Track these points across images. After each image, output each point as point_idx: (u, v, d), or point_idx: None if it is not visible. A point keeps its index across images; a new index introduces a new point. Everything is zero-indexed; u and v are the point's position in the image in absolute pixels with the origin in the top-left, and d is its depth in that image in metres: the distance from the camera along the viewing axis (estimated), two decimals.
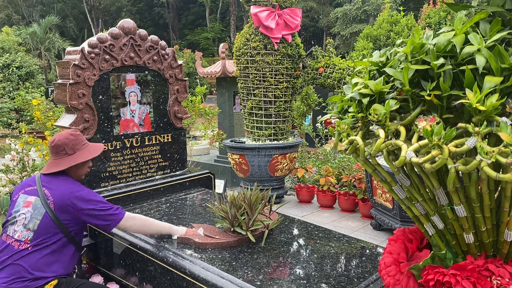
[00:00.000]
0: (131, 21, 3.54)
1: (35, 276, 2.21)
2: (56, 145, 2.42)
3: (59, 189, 2.33)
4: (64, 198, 2.29)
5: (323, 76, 5.49)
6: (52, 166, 2.41)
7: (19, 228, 2.26)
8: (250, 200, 2.70)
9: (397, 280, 1.63)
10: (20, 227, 2.26)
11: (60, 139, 2.42)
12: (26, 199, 2.34)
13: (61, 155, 2.42)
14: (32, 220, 2.27)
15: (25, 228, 2.25)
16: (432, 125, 1.27)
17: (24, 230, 2.25)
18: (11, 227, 2.30)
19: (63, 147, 2.42)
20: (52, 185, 2.35)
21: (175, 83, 3.88)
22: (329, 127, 1.92)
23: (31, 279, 2.20)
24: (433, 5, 11.96)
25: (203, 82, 14.09)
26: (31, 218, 2.27)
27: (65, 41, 26.84)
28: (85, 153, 2.47)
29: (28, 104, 10.80)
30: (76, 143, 2.46)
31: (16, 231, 2.26)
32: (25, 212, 2.29)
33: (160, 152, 3.85)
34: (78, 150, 2.46)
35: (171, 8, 36.93)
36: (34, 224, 2.26)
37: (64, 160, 2.41)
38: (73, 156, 2.43)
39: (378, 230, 4.65)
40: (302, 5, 25.34)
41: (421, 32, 1.48)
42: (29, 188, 2.38)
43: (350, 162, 5.93)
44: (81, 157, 2.45)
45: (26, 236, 2.24)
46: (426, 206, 1.57)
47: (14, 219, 2.31)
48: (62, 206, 2.28)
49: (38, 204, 2.29)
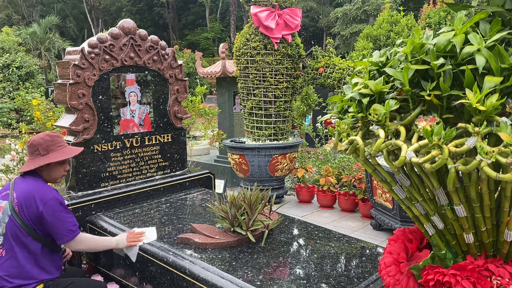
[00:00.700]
0: (131, 21, 3.54)
1: (14, 285, 2.17)
2: (31, 144, 2.39)
3: (24, 189, 2.29)
4: (26, 198, 2.24)
5: (323, 76, 5.49)
6: (25, 166, 2.38)
7: None
8: (250, 200, 2.70)
9: (397, 280, 1.63)
10: None
11: (36, 139, 2.40)
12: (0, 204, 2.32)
13: (35, 155, 2.38)
14: (1, 224, 2.23)
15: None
16: (432, 125, 1.27)
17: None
18: None
19: (37, 147, 2.38)
20: (20, 187, 2.31)
21: (175, 83, 3.88)
22: (329, 127, 1.92)
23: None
24: (433, 5, 11.97)
25: (203, 82, 14.09)
26: (0, 223, 2.24)
27: (65, 41, 26.85)
28: (58, 154, 2.40)
29: (28, 104, 10.79)
30: (51, 144, 2.40)
31: None
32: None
33: (160, 152, 3.85)
34: (52, 151, 2.40)
35: (171, 8, 36.93)
36: (2, 228, 2.22)
37: (35, 160, 2.37)
38: (45, 156, 2.38)
39: (378, 230, 4.65)
40: (302, 5, 25.34)
41: (421, 32, 1.48)
42: (4, 193, 2.35)
43: (350, 162, 5.93)
44: (52, 157, 2.38)
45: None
46: (426, 206, 1.57)
47: None
48: (25, 206, 2.23)
49: (6, 208, 2.26)
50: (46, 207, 2.24)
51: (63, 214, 2.30)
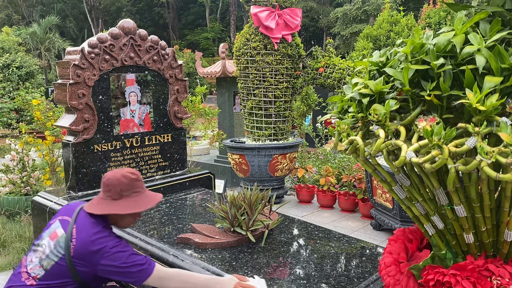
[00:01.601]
0: (131, 21, 3.54)
1: None
2: (104, 183, 2.03)
3: (83, 234, 1.93)
4: (84, 246, 1.90)
5: (323, 76, 5.49)
6: (95, 205, 2.02)
7: (35, 260, 1.95)
8: (250, 200, 2.70)
9: (397, 280, 1.63)
10: (36, 260, 1.95)
11: (110, 177, 2.02)
12: (56, 229, 1.99)
13: (105, 196, 2.02)
14: (49, 258, 1.92)
15: (39, 263, 1.93)
16: (432, 125, 1.27)
17: (38, 265, 1.93)
18: (30, 254, 1.99)
19: (109, 188, 2.01)
20: (83, 225, 1.96)
21: (175, 83, 3.88)
22: (329, 127, 1.92)
23: None
24: (433, 5, 11.97)
25: (203, 82, 14.09)
26: (48, 255, 1.93)
27: (65, 41, 26.84)
28: (130, 203, 2.01)
29: (28, 104, 10.79)
30: (126, 189, 2.02)
31: (32, 262, 1.95)
32: (46, 245, 1.96)
33: (160, 152, 3.85)
34: (125, 197, 2.02)
35: (171, 8, 36.93)
36: (48, 264, 1.92)
37: (103, 204, 2.00)
38: (116, 202, 2.00)
39: (378, 230, 4.65)
40: (302, 5, 25.33)
41: (421, 32, 1.48)
42: (66, 218, 2.02)
43: (350, 162, 5.93)
44: (120, 207, 1.99)
45: (37, 273, 1.92)
46: (426, 206, 1.57)
47: (36, 247, 1.99)
48: (81, 255, 1.90)
49: (61, 242, 1.93)
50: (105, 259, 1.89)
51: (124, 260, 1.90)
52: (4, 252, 4.19)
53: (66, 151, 3.39)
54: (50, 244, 1.94)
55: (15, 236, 4.37)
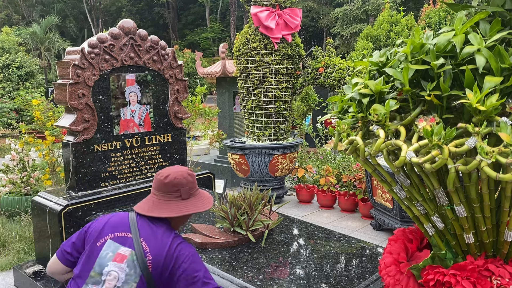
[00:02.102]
0: (131, 21, 3.54)
1: None
2: (170, 182, 1.86)
3: (158, 242, 1.74)
4: (162, 255, 1.72)
5: (323, 76, 5.49)
6: (156, 208, 1.83)
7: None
8: (250, 200, 2.70)
9: (397, 280, 1.63)
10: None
11: (177, 177, 1.87)
12: (117, 249, 1.72)
13: (173, 196, 1.86)
14: (128, 283, 1.68)
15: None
16: (432, 125, 1.27)
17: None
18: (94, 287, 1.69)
19: (178, 188, 1.86)
20: (151, 235, 1.76)
21: (175, 83, 3.88)
22: (329, 127, 1.92)
23: None
24: (433, 5, 11.96)
25: (203, 82, 14.09)
26: (126, 279, 1.68)
27: (65, 41, 26.84)
28: (198, 202, 1.92)
29: (28, 104, 10.79)
30: (193, 187, 1.92)
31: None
32: (117, 270, 1.69)
33: (160, 152, 3.85)
34: (192, 196, 1.91)
35: (171, 8, 36.93)
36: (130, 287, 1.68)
37: (174, 205, 1.85)
38: (187, 202, 1.88)
39: (378, 230, 4.65)
40: (302, 5, 25.33)
41: (421, 32, 1.48)
42: (121, 234, 1.76)
43: (350, 162, 5.93)
44: (195, 206, 1.89)
45: None
46: (426, 206, 1.57)
47: (99, 277, 1.69)
48: (160, 266, 1.72)
49: (134, 261, 1.70)
50: (187, 268, 1.72)
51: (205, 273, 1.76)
52: (4, 252, 4.19)
53: (66, 151, 3.39)
54: (122, 269, 1.69)
55: (15, 236, 4.37)
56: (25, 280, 3.34)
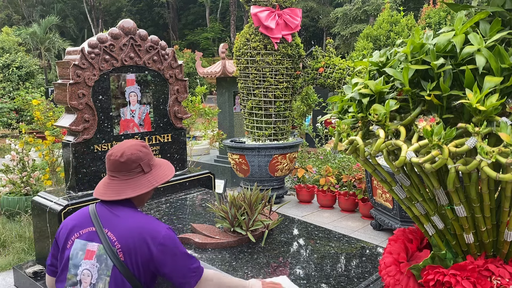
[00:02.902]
0: (131, 21, 3.54)
1: None
2: (129, 159, 1.77)
3: (125, 226, 1.69)
4: (133, 238, 1.66)
5: (323, 76, 5.49)
6: (123, 189, 1.76)
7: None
8: (250, 200, 2.70)
9: (397, 280, 1.63)
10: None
11: (133, 152, 1.79)
12: (85, 247, 1.69)
13: (135, 173, 1.79)
14: (101, 277, 1.64)
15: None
16: (432, 125, 1.27)
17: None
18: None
19: (138, 163, 1.79)
20: (115, 222, 1.71)
21: (175, 83, 3.88)
22: (329, 127, 1.92)
23: None
24: (433, 5, 11.97)
25: (203, 82, 14.09)
26: (99, 275, 1.65)
27: (65, 41, 26.84)
28: (161, 171, 1.85)
29: (28, 104, 10.80)
30: (151, 158, 1.85)
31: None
32: (89, 268, 1.66)
33: (160, 152, 3.85)
34: (153, 166, 1.84)
35: (171, 8, 36.93)
36: (104, 283, 1.64)
37: (139, 181, 1.78)
38: (150, 174, 1.81)
39: (378, 230, 4.65)
40: (302, 5, 25.33)
41: (421, 32, 1.48)
42: (85, 230, 1.72)
43: (350, 162, 5.93)
44: (159, 176, 1.83)
45: None
46: (426, 206, 1.57)
47: (75, 278, 1.68)
48: (131, 250, 1.65)
49: (103, 255, 1.65)
50: (162, 249, 1.66)
51: (182, 251, 1.72)
52: (4, 252, 4.19)
53: (66, 151, 3.39)
54: (93, 265, 1.66)
55: (15, 236, 4.37)
56: (25, 280, 3.35)
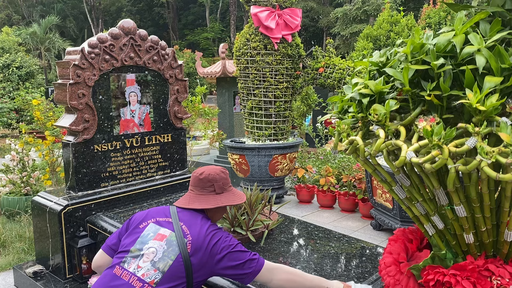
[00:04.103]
0: (131, 21, 3.54)
1: None
2: (205, 178, 2.08)
3: (197, 228, 1.92)
4: (201, 240, 1.87)
5: (323, 76, 5.49)
6: (193, 201, 2.05)
7: (145, 265, 1.81)
8: (250, 200, 2.70)
9: (397, 280, 1.63)
10: (146, 264, 1.81)
11: (211, 173, 2.09)
12: (158, 230, 1.92)
13: (207, 191, 2.08)
14: (164, 259, 1.82)
15: (153, 267, 1.80)
16: (432, 125, 1.27)
17: (152, 269, 1.80)
18: (133, 261, 1.83)
19: (212, 183, 2.08)
20: (191, 221, 1.95)
21: (175, 83, 3.88)
22: (329, 127, 1.92)
23: None
24: (433, 5, 11.96)
25: (203, 82, 14.09)
26: (163, 256, 1.83)
27: (65, 41, 26.84)
28: (231, 196, 2.12)
29: (28, 104, 10.79)
30: (226, 183, 2.13)
31: (141, 268, 1.81)
32: (156, 247, 1.86)
33: (160, 152, 3.86)
34: (225, 191, 2.12)
35: (171, 8, 36.92)
36: (165, 265, 1.81)
37: (209, 198, 2.06)
38: (221, 196, 2.09)
39: (378, 230, 4.65)
40: (302, 5, 25.33)
41: (421, 32, 1.48)
42: (162, 219, 1.98)
43: (350, 162, 5.93)
44: (228, 199, 2.09)
45: (153, 277, 1.78)
46: (426, 206, 1.57)
47: (139, 252, 1.85)
48: (198, 249, 1.86)
49: (173, 241, 1.86)
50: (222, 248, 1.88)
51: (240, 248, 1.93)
52: (4, 252, 4.19)
53: (66, 151, 3.39)
54: (160, 245, 1.86)
55: (15, 236, 4.37)
56: (25, 280, 3.35)
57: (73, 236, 3.19)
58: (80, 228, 3.22)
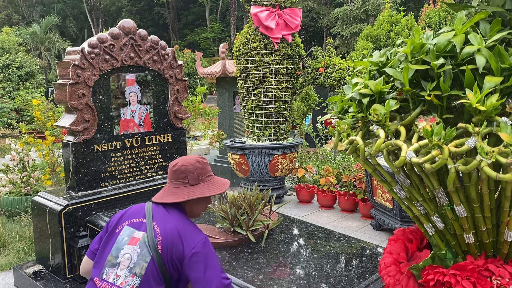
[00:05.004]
0: (131, 21, 3.54)
1: None
2: (178, 170, 1.96)
3: (170, 224, 1.84)
4: (172, 237, 1.79)
5: (323, 76, 5.49)
6: (167, 195, 1.95)
7: (122, 273, 1.76)
8: (250, 200, 2.70)
9: (397, 280, 1.63)
10: (124, 272, 1.76)
11: (184, 164, 1.96)
12: (132, 234, 1.85)
13: (181, 183, 1.95)
14: (139, 263, 1.77)
15: (130, 273, 1.76)
16: (432, 125, 1.27)
17: (130, 276, 1.75)
18: (111, 271, 1.78)
19: (185, 175, 1.95)
20: (165, 218, 1.86)
21: (175, 83, 3.88)
22: (329, 127, 1.92)
23: None
24: (433, 5, 11.96)
25: (203, 82, 14.09)
26: (138, 260, 1.77)
27: (65, 41, 26.83)
28: (208, 187, 1.97)
29: (28, 104, 10.79)
30: (202, 173, 1.98)
31: (119, 277, 1.76)
32: (130, 252, 1.80)
33: (160, 152, 3.85)
34: (202, 181, 1.97)
35: (171, 8, 36.92)
36: (141, 268, 1.76)
37: (183, 191, 1.93)
38: (195, 187, 1.95)
39: (378, 230, 4.65)
40: (302, 5, 25.32)
41: (421, 32, 1.48)
42: (136, 220, 1.89)
43: (350, 162, 5.93)
44: (203, 190, 1.95)
45: (132, 283, 1.74)
46: (426, 206, 1.57)
47: (115, 260, 1.80)
48: (169, 246, 1.78)
49: (145, 243, 1.80)
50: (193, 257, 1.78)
51: (214, 261, 1.82)
52: (4, 252, 4.19)
53: (66, 151, 3.39)
54: (134, 250, 1.80)
55: (15, 236, 4.37)
56: (25, 280, 3.35)
57: (73, 236, 3.19)
58: (80, 228, 3.22)
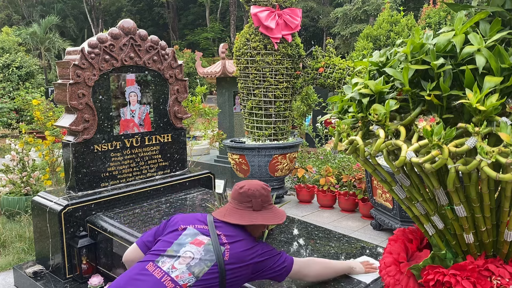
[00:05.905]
0: (131, 21, 3.54)
1: None
2: (244, 193, 2.03)
3: (238, 244, 1.92)
4: (243, 258, 1.89)
5: (323, 76, 5.49)
6: (230, 214, 2.02)
7: (180, 267, 1.83)
8: None
9: (397, 280, 1.63)
10: (182, 266, 1.83)
11: (251, 188, 2.03)
12: (196, 236, 1.94)
13: (245, 206, 2.03)
14: (200, 265, 1.84)
15: (188, 270, 1.82)
16: (432, 125, 1.27)
17: (187, 273, 1.82)
18: (168, 261, 1.86)
19: (250, 199, 2.02)
20: (229, 230, 1.97)
21: (175, 83, 3.88)
22: (329, 127, 1.92)
23: None
24: (433, 5, 11.96)
25: (203, 82, 14.09)
26: (200, 262, 1.85)
27: (65, 41, 26.83)
28: (269, 215, 2.04)
29: (28, 104, 10.79)
30: (265, 201, 2.05)
31: (176, 269, 1.83)
32: (193, 251, 1.88)
33: (160, 152, 3.85)
34: (264, 208, 2.05)
35: (171, 8, 36.91)
36: (200, 271, 1.83)
37: (246, 214, 2.01)
38: (258, 213, 2.01)
39: (378, 230, 4.65)
40: (302, 5, 25.33)
41: (421, 32, 1.48)
42: (200, 226, 1.99)
43: (350, 162, 5.93)
44: (265, 218, 2.02)
45: (187, 280, 1.80)
46: (426, 206, 1.57)
47: (175, 253, 1.88)
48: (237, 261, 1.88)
49: (210, 249, 1.88)
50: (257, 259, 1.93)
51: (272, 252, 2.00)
52: (4, 252, 4.19)
53: (66, 151, 3.39)
54: (198, 251, 1.87)
55: (15, 236, 4.37)
56: (25, 280, 3.35)
57: (73, 236, 3.19)
58: (80, 228, 3.22)
